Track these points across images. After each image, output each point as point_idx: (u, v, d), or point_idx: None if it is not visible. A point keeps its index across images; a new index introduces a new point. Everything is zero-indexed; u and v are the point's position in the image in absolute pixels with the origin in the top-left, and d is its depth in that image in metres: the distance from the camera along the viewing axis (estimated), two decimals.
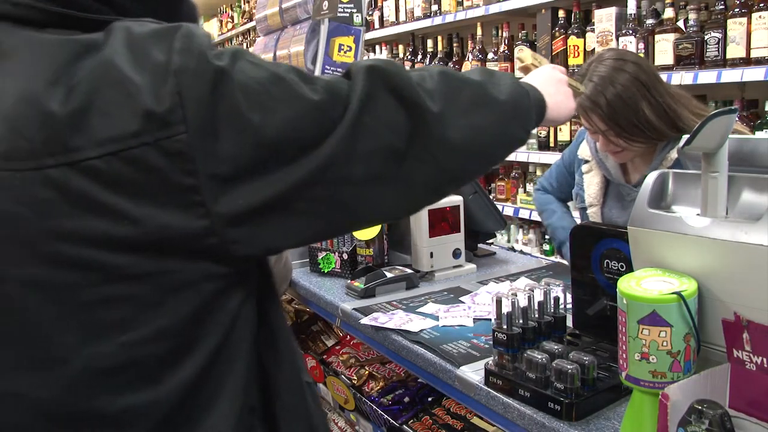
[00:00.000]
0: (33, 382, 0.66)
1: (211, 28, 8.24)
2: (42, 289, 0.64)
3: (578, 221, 2.04)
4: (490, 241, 2.28)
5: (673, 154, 1.69)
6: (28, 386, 0.66)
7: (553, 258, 3.41)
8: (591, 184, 1.91)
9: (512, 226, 3.85)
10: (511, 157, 3.59)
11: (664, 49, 2.63)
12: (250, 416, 0.77)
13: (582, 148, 1.94)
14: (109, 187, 0.62)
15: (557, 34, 3.19)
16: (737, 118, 2.24)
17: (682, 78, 2.53)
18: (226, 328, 0.73)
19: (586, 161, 1.93)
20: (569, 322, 1.25)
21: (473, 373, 1.23)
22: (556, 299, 1.21)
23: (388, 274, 1.77)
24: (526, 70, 1.20)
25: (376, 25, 4.67)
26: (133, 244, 0.64)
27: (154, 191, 0.63)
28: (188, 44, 0.65)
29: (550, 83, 1.03)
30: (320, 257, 2.00)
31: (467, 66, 3.82)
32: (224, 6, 7.84)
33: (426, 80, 0.79)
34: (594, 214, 1.90)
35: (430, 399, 1.97)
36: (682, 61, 2.56)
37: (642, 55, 2.66)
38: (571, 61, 3.11)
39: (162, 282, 0.67)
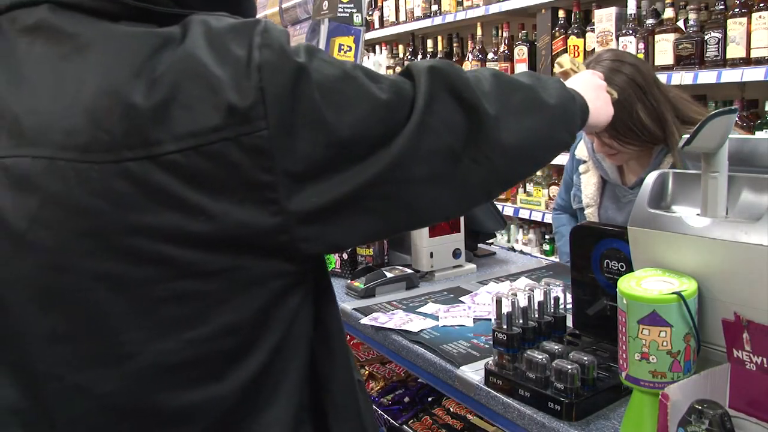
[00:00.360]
0: (99, 376, 0.66)
1: None
2: (115, 283, 0.64)
3: None
4: (490, 241, 2.27)
5: (669, 159, 1.69)
6: (93, 380, 0.66)
7: (553, 258, 3.41)
8: (588, 184, 1.92)
9: (512, 226, 3.85)
10: None
11: (664, 49, 2.63)
12: (300, 413, 0.77)
13: (579, 148, 1.95)
14: (188, 182, 0.62)
15: (557, 34, 3.19)
16: (737, 119, 2.24)
17: (682, 78, 2.53)
18: (287, 326, 0.73)
19: (584, 161, 1.93)
20: (569, 322, 1.25)
21: (473, 373, 1.23)
22: (556, 299, 1.21)
23: (388, 274, 1.77)
24: (565, 75, 1.22)
25: (376, 25, 4.67)
26: (208, 240, 0.64)
27: (232, 187, 0.63)
28: (268, 40, 0.65)
29: (591, 88, 1.06)
30: None
31: (467, 66, 3.82)
32: None
33: (482, 82, 0.79)
34: (591, 215, 1.90)
35: (430, 399, 1.97)
36: (682, 61, 2.56)
37: (642, 55, 2.66)
38: None
39: (233, 279, 0.66)
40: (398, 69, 4.32)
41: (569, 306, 1.25)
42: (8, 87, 0.64)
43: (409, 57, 4.54)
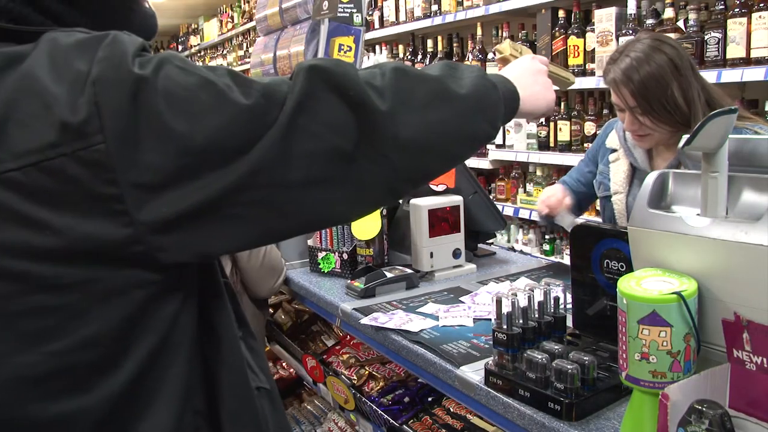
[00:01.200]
0: None
1: (211, 28, 8.24)
2: None
3: (598, 211, 2.08)
4: (490, 241, 2.28)
5: None
6: None
7: (553, 258, 3.41)
8: (617, 172, 1.94)
9: (512, 226, 3.85)
10: (511, 157, 3.59)
11: None
12: (194, 418, 0.77)
13: (611, 137, 1.98)
14: (29, 198, 0.63)
15: (557, 34, 3.19)
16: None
17: None
18: (162, 334, 0.72)
19: (614, 150, 1.96)
20: (569, 322, 1.25)
21: (473, 373, 1.23)
22: (556, 299, 1.21)
23: (388, 274, 1.77)
24: (504, 61, 1.16)
25: (376, 25, 4.67)
26: (58, 254, 0.64)
27: (75, 201, 0.64)
28: (110, 52, 0.65)
29: (527, 74, 1.00)
30: (320, 257, 2.00)
31: None
32: (224, 6, 7.84)
33: (376, 78, 0.76)
34: (619, 201, 1.92)
35: (430, 399, 1.97)
36: None
37: None
38: (571, 61, 3.11)
39: (89, 291, 0.66)
40: None
41: (569, 306, 1.25)
42: None
43: (409, 57, 4.54)
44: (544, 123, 3.35)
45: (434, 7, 4.04)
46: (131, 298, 0.69)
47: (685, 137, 0.83)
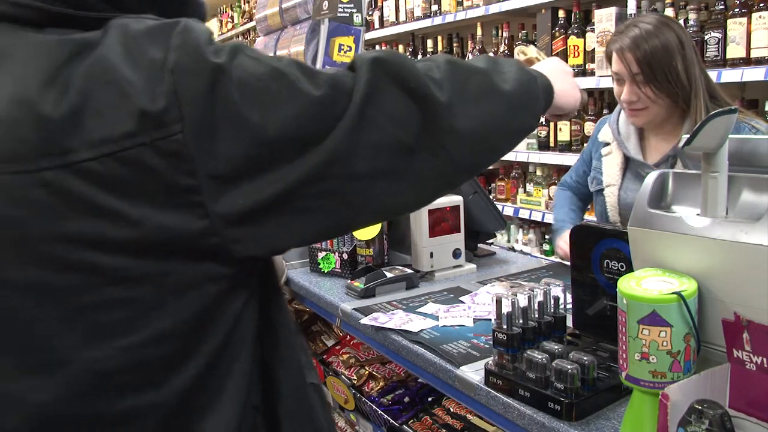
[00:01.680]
0: (33, 385, 0.66)
1: (211, 28, 8.23)
2: (41, 292, 0.63)
3: (589, 208, 2.11)
4: (490, 241, 2.27)
5: None
6: (27, 389, 0.66)
7: (553, 258, 3.41)
8: (610, 165, 1.95)
9: (512, 226, 3.85)
10: (511, 157, 3.59)
11: None
12: (253, 414, 0.77)
13: (603, 131, 1.99)
14: (105, 189, 0.61)
15: (557, 34, 3.19)
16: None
17: None
18: (228, 329, 0.72)
19: (606, 144, 1.97)
20: (569, 322, 1.25)
21: (473, 373, 1.23)
22: (556, 299, 1.21)
23: (388, 274, 1.77)
24: (529, 63, 1.19)
25: (376, 25, 4.67)
26: (132, 246, 0.63)
27: (151, 192, 0.62)
28: (185, 40, 0.64)
29: (557, 72, 1.02)
30: (320, 257, 2.00)
31: None
32: (224, 6, 7.84)
33: (433, 70, 0.77)
34: (611, 194, 1.92)
35: (430, 399, 1.97)
36: None
37: None
38: (571, 61, 3.11)
39: (163, 284, 0.66)
40: None
41: (569, 306, 1.25)
42: None
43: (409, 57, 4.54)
44: (544, 123, 3.35)
45: (434, 7, 4.04)
46: (204, 292, 0.68)
47: (685, 137, 0.83)
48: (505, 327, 1.14)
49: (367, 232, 1.92)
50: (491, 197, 2.96)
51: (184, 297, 0.67)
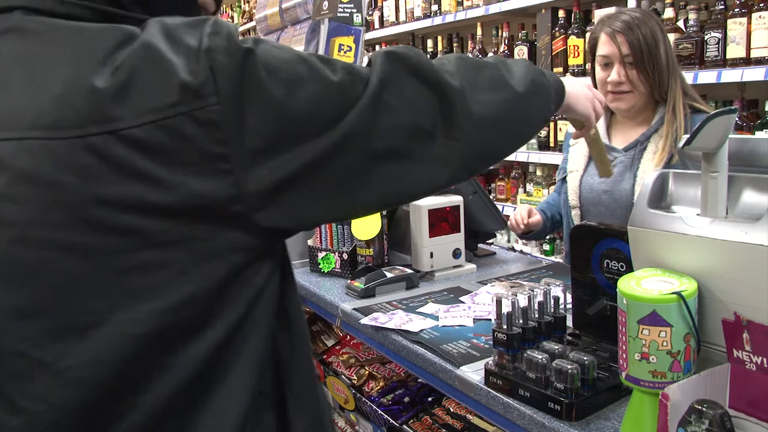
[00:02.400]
0: (63, 350, 0.68)
1: None
2: (83, 253, 0.67)
3: (557, 196, 2.13)
4: (490, 241, 2.28)
5: (663, 131, 1.82)
6: (58, 354, 0.68)
7: (552, 258, 3.41)
8: (576, 153, 2.00)
9: None
10: (511, 157, 3.59)
11: None
12: (261, 399, 0.79)
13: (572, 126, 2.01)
14: (147, 155, 0.66)
15: (557, 34, 3.18)
16: (737, 118, 2.26)
17: None
18: (250, 303, 0.75)
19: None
20: (569, 322, 1.25)
21: (473, 373, 1.23)
22: (556, 299, 1.21)
23: (388, 274, 1.77)
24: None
25: (376, 25, 4.67)
26: (168, 211, 0.67)
27: (187, 159, 0.67)
28: (217, 29, 0.70)
29: (572, 79, 1.10)
30: (320, 257, 2.00)
31: None
32: (224, 6, 7.84)
33: (445, 64, 0.83)
34: (573, 179, 1.97)
35: (430, 399, 1.97)
36: (682, 61, 2.56)
37: None
38: (571, 61, 3.11)
39: (193, 249, 0.70)
40: None
41: (569, 306, 1.25)
42: None
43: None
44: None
45: (434, 7, 4.04)
46: (229, 261, 0.72)
47: (685, 137, 0.83)
48: (505, 327, 1.14)
49: (367, 232, 1.92)
50: (491, 197, 2.96)
51: (209, 264, 0.71)
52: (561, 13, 3.18)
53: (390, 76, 0.76)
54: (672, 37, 2.60)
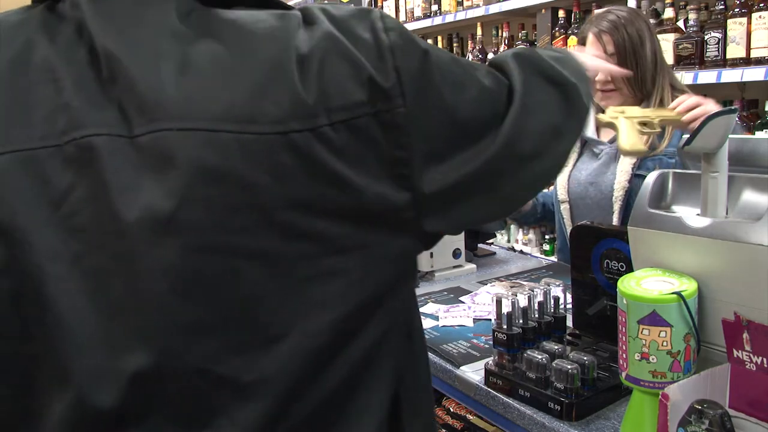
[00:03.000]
0: (245, 365, 0.64)
1: None
2: (268, 260, 0.62)
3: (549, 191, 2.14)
4: (490, 241, 2.27)
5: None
6: (239, 370, 0.64)
7: (552, 258, 3.41)
8: None
9: (512, 226, 3.85)
10: None
11: (664, 49, 2.61)
12: (393, 404, 0.76)
13: None
14: (337, 156, 0.62)
15: (557, 34, 3.18)
16: (737, 119, 2.27)
17: (682, 78, 2.52)
18: (399, 308, 0.73)
19: None
20: (569, 322, 1.25)
21: (473, 373, 1.23)
22: (556, 299, 1.21)
23: None
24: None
25: None
26: (353, 215, 0.64)
27: (370, 162, 0.63)
28: (389, 24, 0.66)
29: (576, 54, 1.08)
30: None
31: None
32: None
33: (553, 60, 0.82)
34: (561, 174, 1.98)
35: None
36: (682, 61, 2.56)
37: None
38: None
39: (369, 255, 0.66)
40: None
41: (569, 306, 1.25)
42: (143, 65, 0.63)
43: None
44: None
45: (434, 7, 4.04)
46: (398, 267, 0.69)
47: (686, 137, 0.83)
48: (505, 327, 1.14)
49: None
50: None
51: (381, 271, 0.68)
52: (561, 13, 3.18)
53: (527, 79, 0.75)
54: (672, 37, 2.60)
